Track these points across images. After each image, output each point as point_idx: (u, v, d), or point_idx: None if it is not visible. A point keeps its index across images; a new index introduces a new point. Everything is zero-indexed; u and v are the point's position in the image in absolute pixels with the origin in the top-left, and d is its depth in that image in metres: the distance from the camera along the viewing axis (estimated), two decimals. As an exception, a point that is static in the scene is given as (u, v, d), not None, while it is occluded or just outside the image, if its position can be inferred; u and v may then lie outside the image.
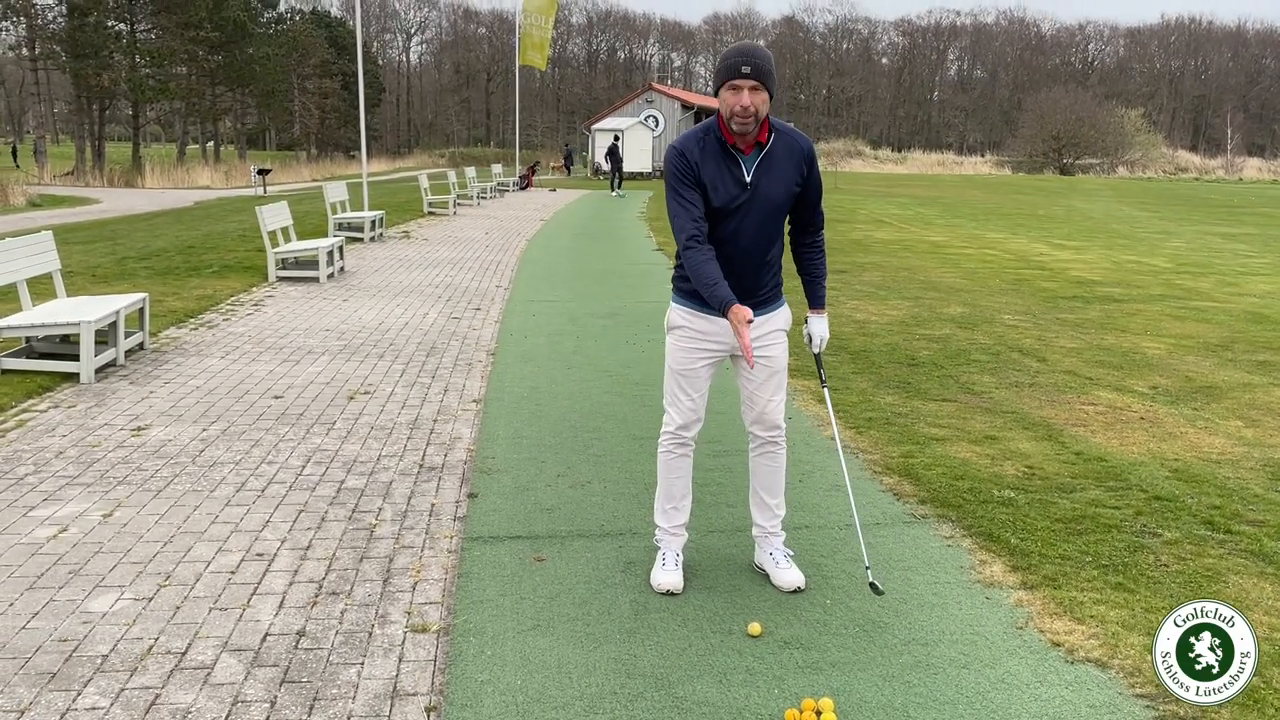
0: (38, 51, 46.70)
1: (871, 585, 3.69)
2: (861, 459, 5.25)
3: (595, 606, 3.56)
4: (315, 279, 11.18)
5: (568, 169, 53.85)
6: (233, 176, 46.11)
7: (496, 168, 33.19)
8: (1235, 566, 3.95)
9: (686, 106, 51.11)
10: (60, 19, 46.97)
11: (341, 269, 12.04)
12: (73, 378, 6.43)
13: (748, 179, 3.44)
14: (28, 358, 6.62)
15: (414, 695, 2.95)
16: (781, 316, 3.71)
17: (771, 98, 3.34)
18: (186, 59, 52.31)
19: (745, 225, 3.48)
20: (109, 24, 47.93)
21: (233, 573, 3.73)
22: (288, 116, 70.77)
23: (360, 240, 15.64)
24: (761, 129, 3.40)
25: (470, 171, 27.38)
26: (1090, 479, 4.99)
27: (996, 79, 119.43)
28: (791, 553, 3.86)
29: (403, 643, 3.26)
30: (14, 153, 55.35)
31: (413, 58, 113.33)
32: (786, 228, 3.71)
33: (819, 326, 3.82)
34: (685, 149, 3.41)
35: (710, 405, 3.90)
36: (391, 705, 2.90)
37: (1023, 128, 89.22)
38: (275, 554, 3.91)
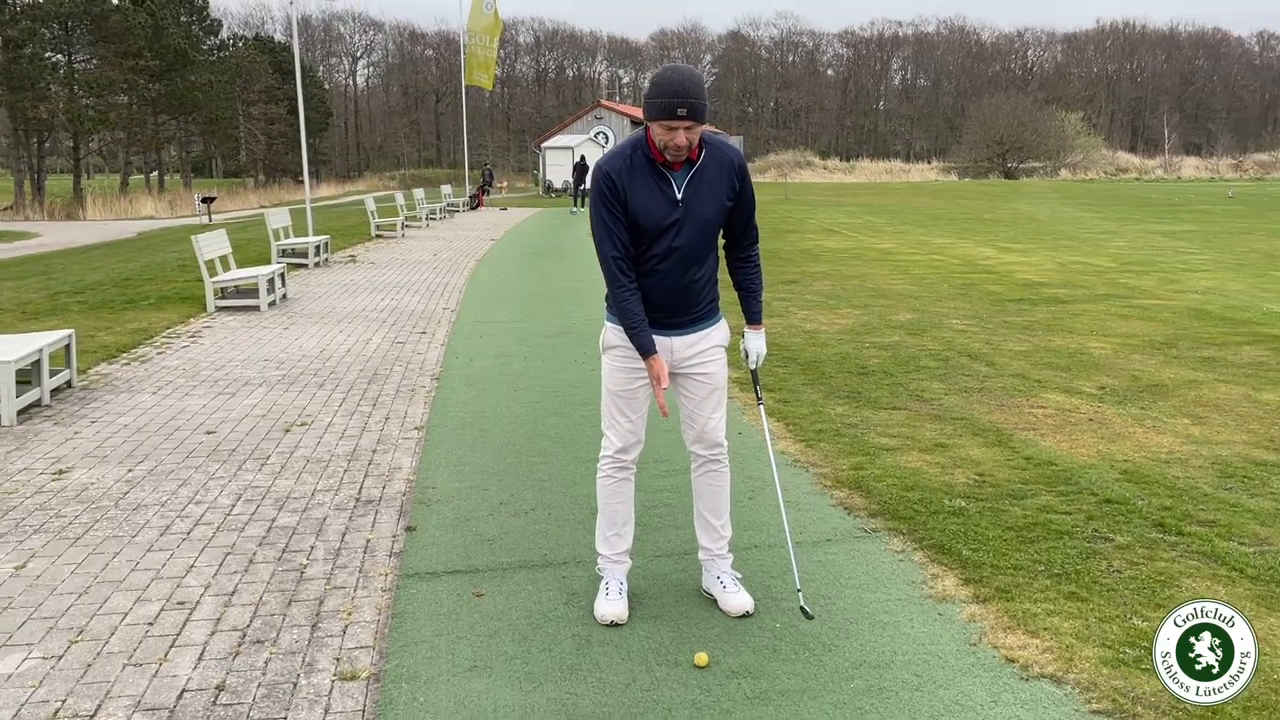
0: (-29, 84, 45.68)
1: (802, 609, 3.58)
2: (812, 472, 5.15)
3: (536, 643, 3.41)
4: (256, 307, 10.92)
5: (485, 192, 40.50)
6: (177, 206, 45.37)
7: (446, 188, 32.92)
8: (1188, 569, 3.89)
9: (636, 122, 51.17)
10: (-6, 51, 46.02)
11: (284, 296, 11.78)
12: (-7, 420, 6.16)
13: (679, 196, 3.33)
14: (-55, 401, 6.33)
15: (339, 750, 2.78)
16: (719, 332, 3.61)
17: (706, 118, 3.25)
18: (126, 88, 51.44)
19: (678, 243, 3.37)
20: (45, 55, 47.02)
21: (151, 624, 3.53)
22: (234, 143, 69.89)
23: (305, 266, 15.35)
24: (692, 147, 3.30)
25: (419, 193, 27.11)
26: (1041, 484, 4.93)
27: (940, 87, 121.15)
28: (740, 575, 3.74)
29: (329, 692, 3.08)
30: (-50, 189, 54.08)
31: (359, 81, 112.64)
32: (721, 242, 3.61)
33: (756, 343, 3.72)
34: (612, 170, 3.29)
35: (657, 424, 3.78)
36: (315, 762, 2.73)
37: (967, 134, 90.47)
38: (198, 601, 3.71)
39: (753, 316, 3.70)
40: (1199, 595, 3.65)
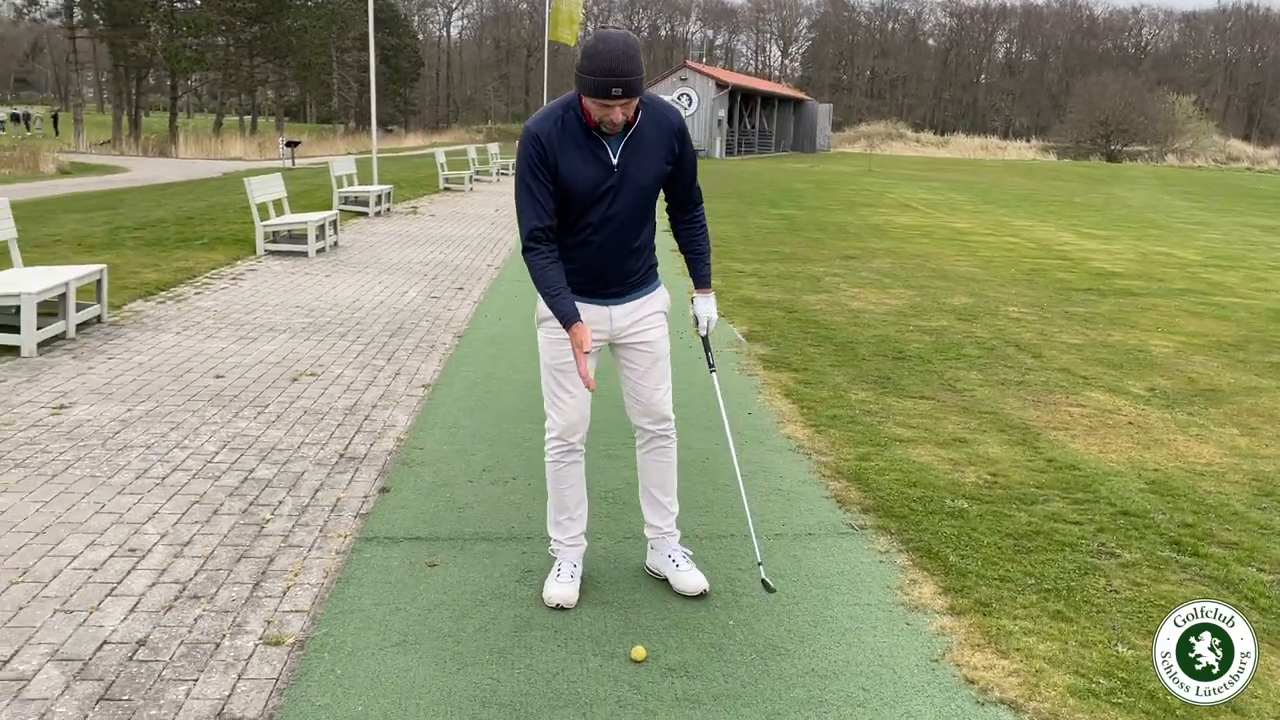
0: (76, 20, 46.96)
1: (763, 583, 3.39)
2: (813, 460, 4.91)
3: (474, 621, 3.27)
4: (304, 253, 10.96)
5: None
6: (266, 148, 46.13)
7: (522, 144, 32.83)
8: (1194, 594, 3.58)
9: (721, 85, 50.45)
10: (99, -13, 47.18)
11: (334, 244, 11.81)
12: (15, 350, 6.23)
13: (614, 161, 3.11)
14: (-26, 329, 6.43)
15: (240, 719, 2.68)
16: (659, 299, 3.40)
17: (642, 90, 3.02)
18: (224, 29, 52.32)
19: (614, 210, 3.16)
20: (147, -7, 48.02)
21: (95, 570, 3.48)
22: (326, 89, 70.83)
23: (365, 215, 15.42)
24: None
25: (493, 147, 27.07)
26: (1056, 489, 4.62)
27: (1045, 62, 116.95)
28: (690, 553, 3.58)
29: (249, 657, 2.99)
30: (55, 121, 55.88)
31: (453, 33, 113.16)
32: (662, 206, 3.38)
33: (705, 307, 3.49)
34: (541, 132, 3.06)
35: (619, 401, 3.58)
36: (211, 730, 2.63)
37: (1070, 113, 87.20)
38: (149, 550, 3.66)
39: (701, 280, 3.49)
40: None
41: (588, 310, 3.23)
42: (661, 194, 3.35)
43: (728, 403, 4.83)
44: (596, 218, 3.14)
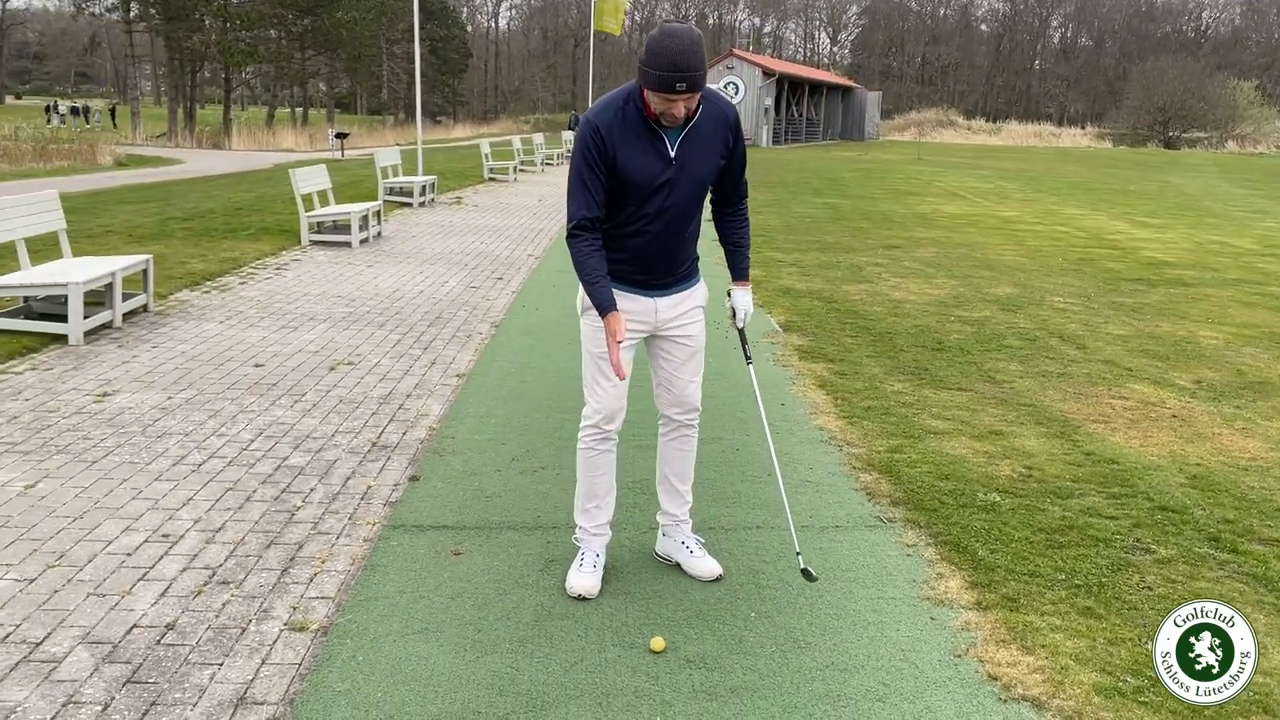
0: (133, 14, 47.83)
1: (804, 572, 3.37)
2: (845, 452, 4.86)
3: (496, 609, 3.29)
4: (348, 244, 11.08)
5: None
6: (317, 140, 46.69)
7: (567, 134, 32.91)
8: (1230, 593, 3.50)
9: (768, 73, 50.10)
10: (155, -18, 48.02)
11: (378, 234, 11.93)
12: (64, 339, 6.38)
13: (672, 154, 3.13)
14: (25, 318, 6.60)
15: (260, 704, 2.72)
16: (699, 293, 3.44)
17: (704, 85, 3.04)
18: (276, 22, 53.00)
19: (670, 202, 3.20)
20: (200, -13, 48.76)
21: (129, 555, 3.56)
22: (376, 81, 71.49)
23: (409, 205, 15.54)
24: None
25: (538, 137, 27.16)
26: (1093, 483, 4.53)
27: (1102, 47, 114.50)
28: (702, 540, 3.63)
29: (274, 642, 3.03)
30: (113, 114, 57.04)
31: (501, 23, 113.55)
32: (709, 197, 3.40)
33: (743, 299, 3.49)
34: (602, 124, 3.08)
35: (649, 391, 3.58)
36: (233, 714, 2.67)
37: (1127, 99, 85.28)
38: (182, 535, 3.73)
39: (740, 272, 3.49)
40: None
41: (635, 301, 3.27)
42: None
43: (762, 394, 4.79)
44: (653, 209, 3.17)
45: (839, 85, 66.33)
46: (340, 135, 35.44)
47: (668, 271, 3.31)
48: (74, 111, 56.08)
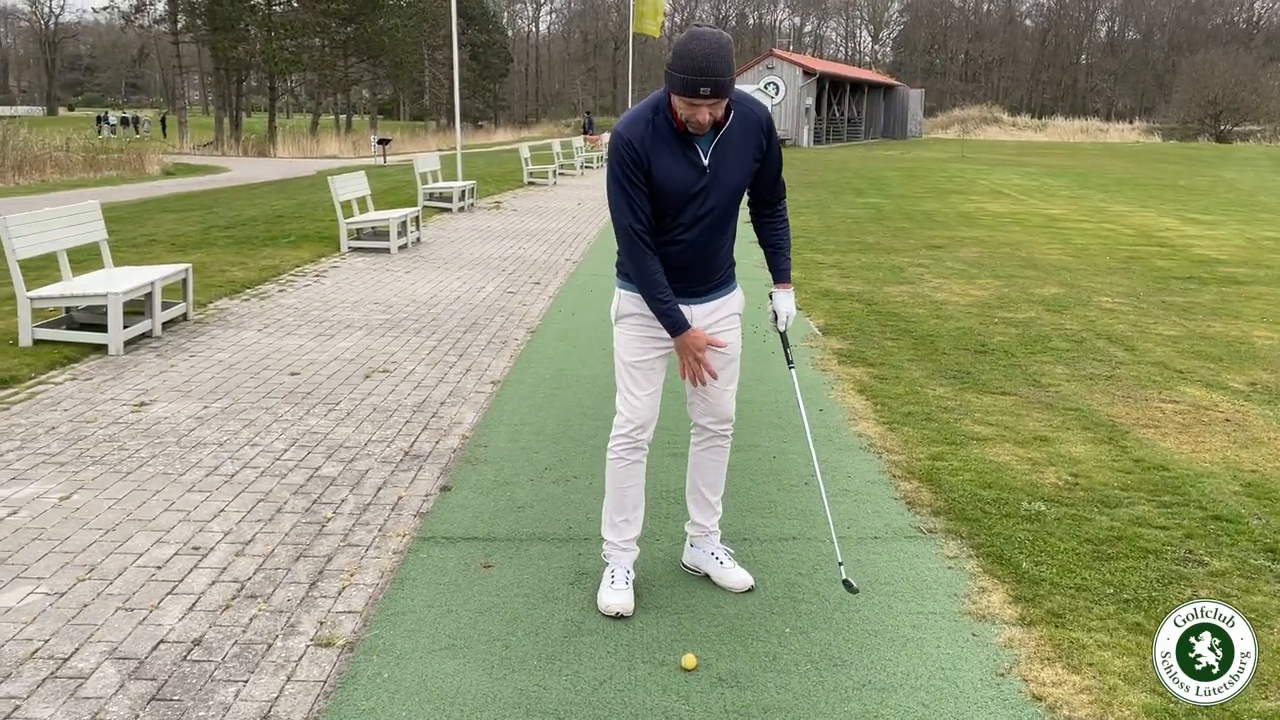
0: (180, 25, 48.65)
1: (845, 583, 3.29)
2: (884, 460, 4.75)
3: (524, 625, 3.23)
4: (386, 250, 11.12)
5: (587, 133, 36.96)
6: (360, 146, 47.17)
7: (577, 140, 32.89)
8: (1289, 609, 3.34)
9: (808, 72, 49.75)
10: (201, -7, 48.88)
11: (417, 240, 11.97)
12: (104, 349, 6.44)
13: (705, 162, 3.06)
14: (67, 328, 6.67)
15: (284, 722, 2.68)
16: (736, 300, 3.37)
17: (732, 91, 2.97)
18: (319, 31, 53.65)
19: (705, 210, 3.13)
20: (246, -2, 49.54)
21: (159, 568, 3.55)
22: (418, 87, 72.06)
23: (449, 210, 15.59)
24: None
25: (577, 141, 27.15)
26: (1142, 491, 4.38)
27: (1150, 40, 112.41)
28: (732, 550, 3.57)
29: (299, 658, 3.00)
30: (163, 124, 58.07)
31: (541, 28, 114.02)
32: (744, 200, 3.32)
33: (785, 302, 3.41)
34: (634, 137, 3.03)
35: (683, 399, 3.51)
36: (256, 732, 2.64)
37: (1177, 92, 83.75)
38: (212, 548, 3.71)
39: (781, 274, 3.41)
40: (1294, 642, 3.13)
41: None
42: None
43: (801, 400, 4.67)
44: (688, 218, 3.12)
45: (881, 83, 65.74)
46: (383, 141, 35.70)
47: (704, 279, 3.25)
48: (124, 122, 57.19)
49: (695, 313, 3.27)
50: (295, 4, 52.00)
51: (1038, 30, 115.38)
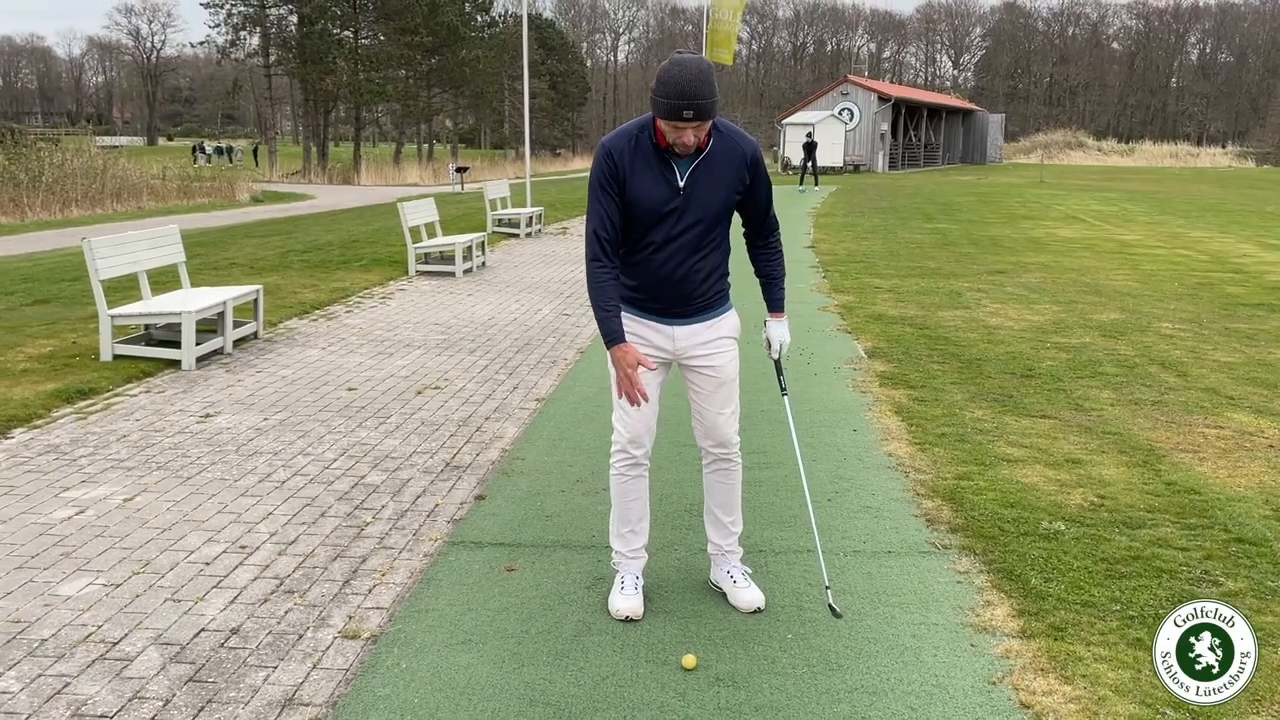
0: (272, 59, 50.59)
1: (830, 608, 3.40)
2: (910, 479, 4.83)
3: (538, 624, 3.40)
4: (452, 273, 11.48)
5: None
6: (440, 174, 48.38)
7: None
8: (1298, 630, 3.35)
9: (884, 98, 49.57)
10: (291, 27, 50.74)
11: (482, 264, 12.32)
12: (178, 364, 6.83)
13: (680, 184, 3.20)
14: (145, 344, 7.09)
15: (307, 705, 2.90)
16: (727, 323, 3.45)
17: (715, 113, 3.10)
18: (403, 63, 55.26)
19: (677, 230, 3.24)
20: (334, 31, 51.29)
21: (208, 564, 3.81)
22: (498, 116, 73.57)
23: (516, 236, 15.98)
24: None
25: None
26: (1169, 514, 4.39)
27: (1244, 63, 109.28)
28: (749, 570, 3.64)
29: (327, 648, 3.21)
30: (255, 153, 60.26)
31: (620, 57, 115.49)
32: (741, 230, 3.46)
33: (778, 331, 3.54)
34: (615, 149, 3.19)
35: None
36: (280, 714, 2.85)
37: (1271, 116, 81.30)
38: (258, 547, 3.97)
39: (774, 304, 3.53)
40: (1297, 661, 3.14)
41: (651, 328, 3.36)
42: (738, 220, 3.43)
43: (836, 420, 4.81)
44: (660, 237, 3.23)
45: (959, 108, 65.11)
46: (460, 169, 36.63)
47: (680, 301, 3.33)
48: (219, 151, 59.48)
49: (677, 334, 3.38)
50: (381, 37, 53.68)
51: (1125, 53, 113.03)
